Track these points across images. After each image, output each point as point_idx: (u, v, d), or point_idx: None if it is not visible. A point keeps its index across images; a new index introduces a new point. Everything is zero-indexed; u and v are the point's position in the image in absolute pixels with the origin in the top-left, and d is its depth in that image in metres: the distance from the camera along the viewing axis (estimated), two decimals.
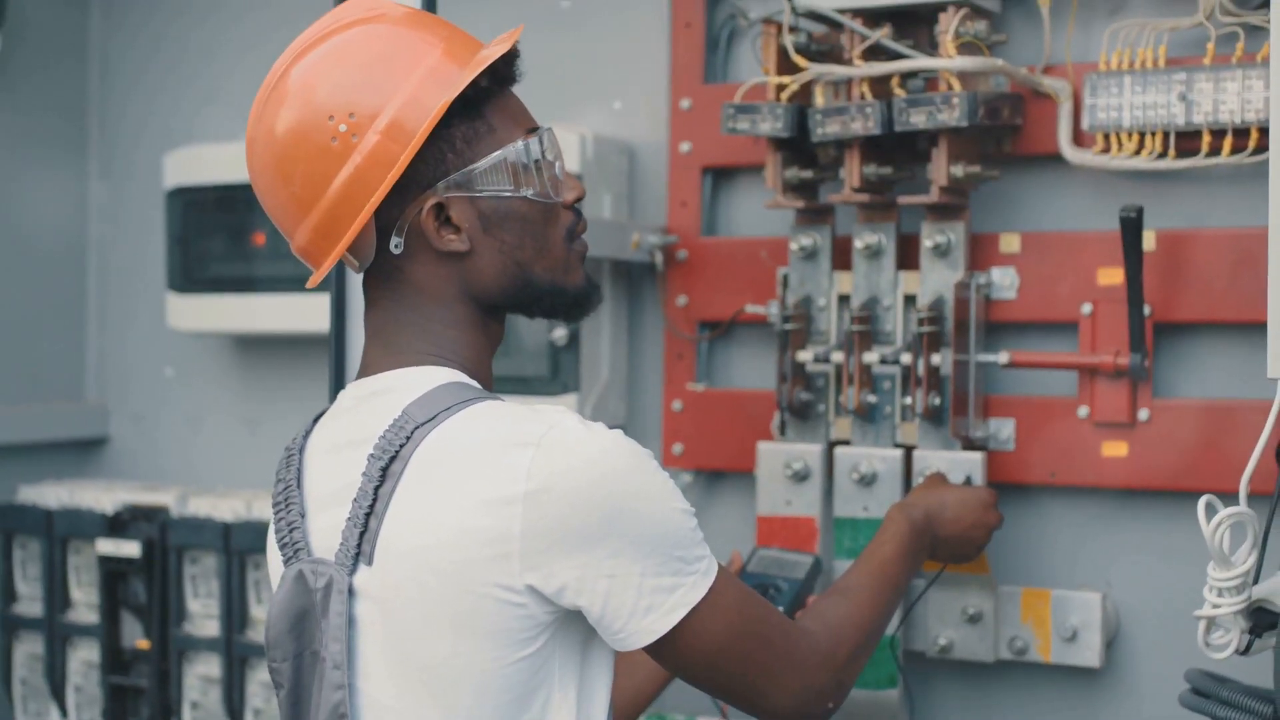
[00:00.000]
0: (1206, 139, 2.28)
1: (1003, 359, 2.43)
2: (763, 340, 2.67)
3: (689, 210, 2.73)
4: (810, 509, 2.52)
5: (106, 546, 3.05)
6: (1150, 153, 2.33)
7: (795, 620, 1.76)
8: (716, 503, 2.72)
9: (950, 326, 2.41)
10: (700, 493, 2.72)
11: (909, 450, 2.46)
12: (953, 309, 2.41)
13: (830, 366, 2.52)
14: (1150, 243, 2.34)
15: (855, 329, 2.46)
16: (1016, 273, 2.46)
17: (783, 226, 2.61)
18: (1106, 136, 2.36)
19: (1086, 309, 2.40)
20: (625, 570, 1.55)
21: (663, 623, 1.57)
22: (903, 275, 2.49)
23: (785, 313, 2.52)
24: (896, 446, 2.48)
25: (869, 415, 2.48)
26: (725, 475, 2.72)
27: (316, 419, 1.78)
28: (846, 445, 2.51)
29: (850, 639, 1.78)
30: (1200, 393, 2.40)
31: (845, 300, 2.54)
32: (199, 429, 3.37)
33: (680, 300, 2.73)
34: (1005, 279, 2.47)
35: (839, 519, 2.48)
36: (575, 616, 1.59)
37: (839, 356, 2.49)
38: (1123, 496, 2.43)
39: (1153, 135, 2.32)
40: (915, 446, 2.45)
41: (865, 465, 2.46)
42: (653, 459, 1.60)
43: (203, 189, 3.12)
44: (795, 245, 2.55)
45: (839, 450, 2.50)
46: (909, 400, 2.44)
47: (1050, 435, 2.43)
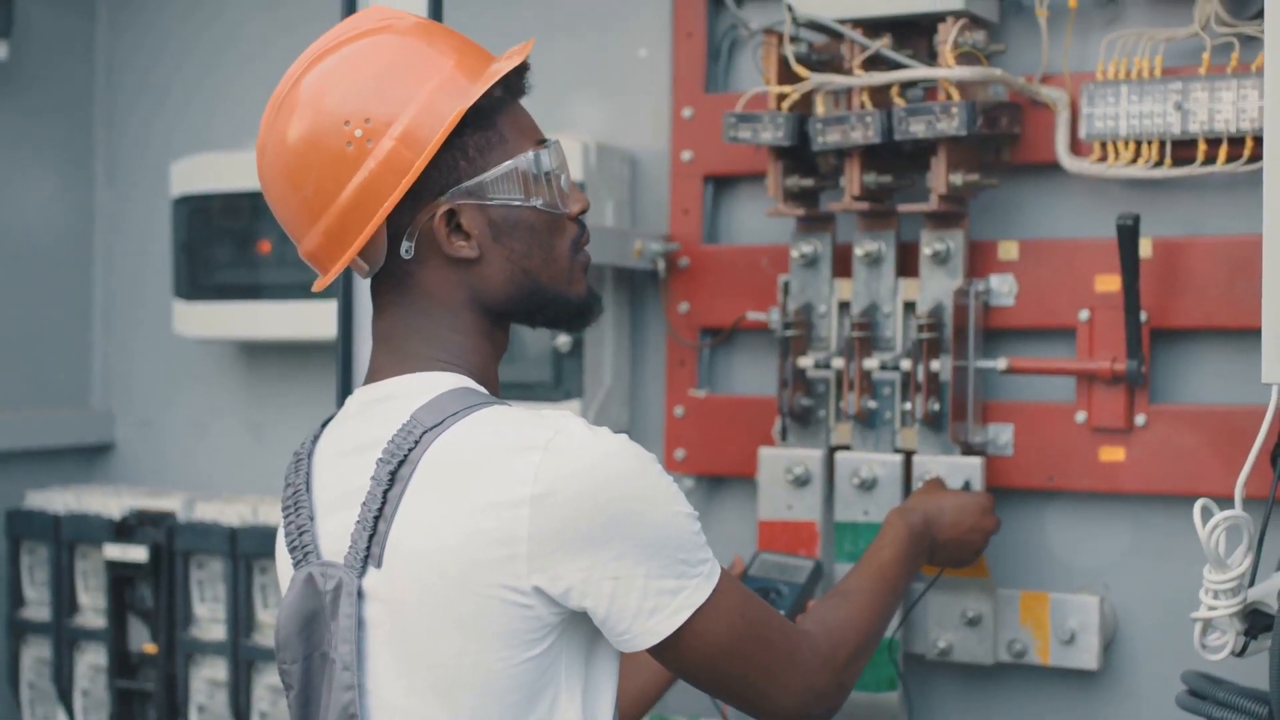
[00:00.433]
0: (1202, 148, 2.30)
1: (1001, 365, 2.44)
2: (764, 347, 2.69)
3: (691, 218, 2.74)
4: (811, 513, 2.53)
5: (114, 551, 3.06)
6: (1147, 161, 2.34)
7: (796, 623, 1.78)
8: (718, 507, 2.73)
9: (949, 333, 2.42)
10: (702, 498, 2.73)
11: (908, 455, 2.47)
12: (952, 315, 2.42)
13: (831, 372, 2.53)
14: (1147, 250, 2.36)
15: (855, 335, 2.47)
16: (1015, 280, 2.47)
17: (784, 234, 2.63)
18: (1103, 145, 2.37)
19: (1084, 315, 2.42)
20: (630, 572, 1.57)
21: (667, 624, 1.59)
22: (902, 282, 2.50)
23: (786, 319, 2.54)
24: (896, 452, 2.49)
25: (869, 421, 2.50)
26: (727, 480, 2.74)
27: (325, 424, 1.79)
28: (847, 450, 2.52)
29: (850, 641, 1.80)
30: (1196, 398, 2.41)
31: (845, 307, 2.55)
32: (204, 435, 3.37)
33: (682, 307, 2.74)
34: (1004, 286, 2.48)
35: (839, 523, 2.50)
36: (581, 618, 1.61)
37: (839, 363, 2.50)
38: (1120, 501, 2.45)
39: (1149, 144, 2.33)
40: (915, 451, 2.47)
41: (865, 470, 2.47)
42: (657, 463, 1.62)
43: (209, 197, 3.14)
44: (796, 253, 2.57)
45: (839, 455, 2.51)
46: (908, 406, 2.45)
47: (1048, 440, 2.45)
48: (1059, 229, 2.49)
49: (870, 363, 2.47)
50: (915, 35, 2.46)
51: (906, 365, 2.45)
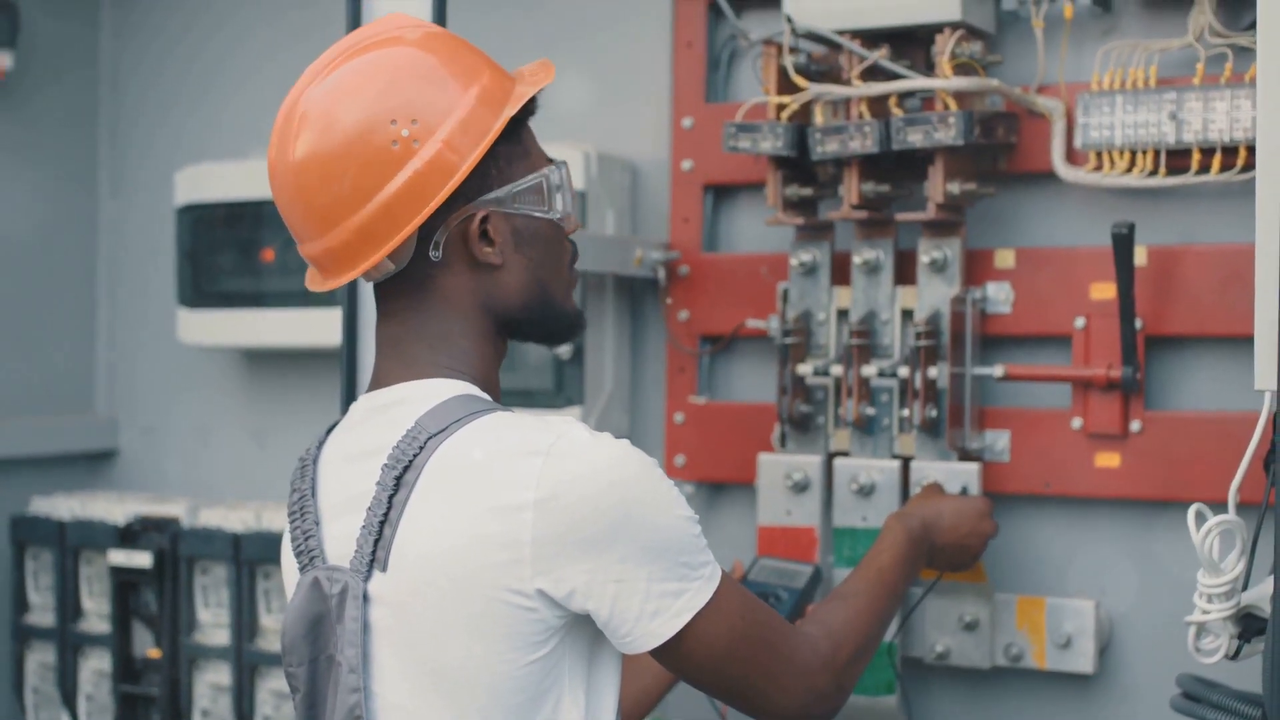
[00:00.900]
0: (1196, 157, 2.31)
1: (998, 372, 2.45)
2: (763, 354, 2.70)
3: (691, 226, 2.76)
4: (810, 519, 2.54)
5: (118, 557, 3.07)
6: (1141, 170, 2.35)
7: (796, 625, 1.80)
8: (718, 513, 2.74)
9: (947, 340, 2.44)
10: (702, 504, 2.74)
11: (906, 461, 2.48)
12: (949, 323, 2.44)
13: (829, 379, 2.55)
14: (1142, 258, 2.37)
15: (854, 343, 2.48)
16: (1011, 287, 2.49)
17: (783, 243, 2.64)
18: (1099, 154, 2.38)
19: (1080, 323, 2.43)
20: (632, 575, 1.59)
21: (668, 626, 1.61)
22: (900, 290, 2.51)
23: (785, 327, 2.55)
24: (894, 457, 2.50)
25: (867, 427, 2.51)
26: (726, 486, 2.75)
27: (330, 430, 1.81)
28: (845, 456, 2.53)
29: (850, 643, 1.82)
30: (1191, 405, 2.42)
31: (844, 315, 2.56)
32: (207, 441, 3.39)
33: (682, 315, 2.76)
34: (1000, 294, 2.49)
35: (838, 529, 2.51)
36: (584, 620, 1.62)
37: (838, 370, 2.51)
38: (1115, 506, 2.46)
39: (1144, 153, 2.35)
40: (913, 457, 2.48)
41: (864, 476, 2.49)
42: (658, 468, 1.64)
43: (212, 206, 3.16)
44: (795, 261, 2.58)
45: (838, 461, 2.52)
46: (906, 412, 2.46)
47: (1044, 446, 2.46)
48: (1055, 237, 2.51)
49: (868, 370, 2.48)
50: (913, 46, 2.48)
51: (904, 372, 2.46)
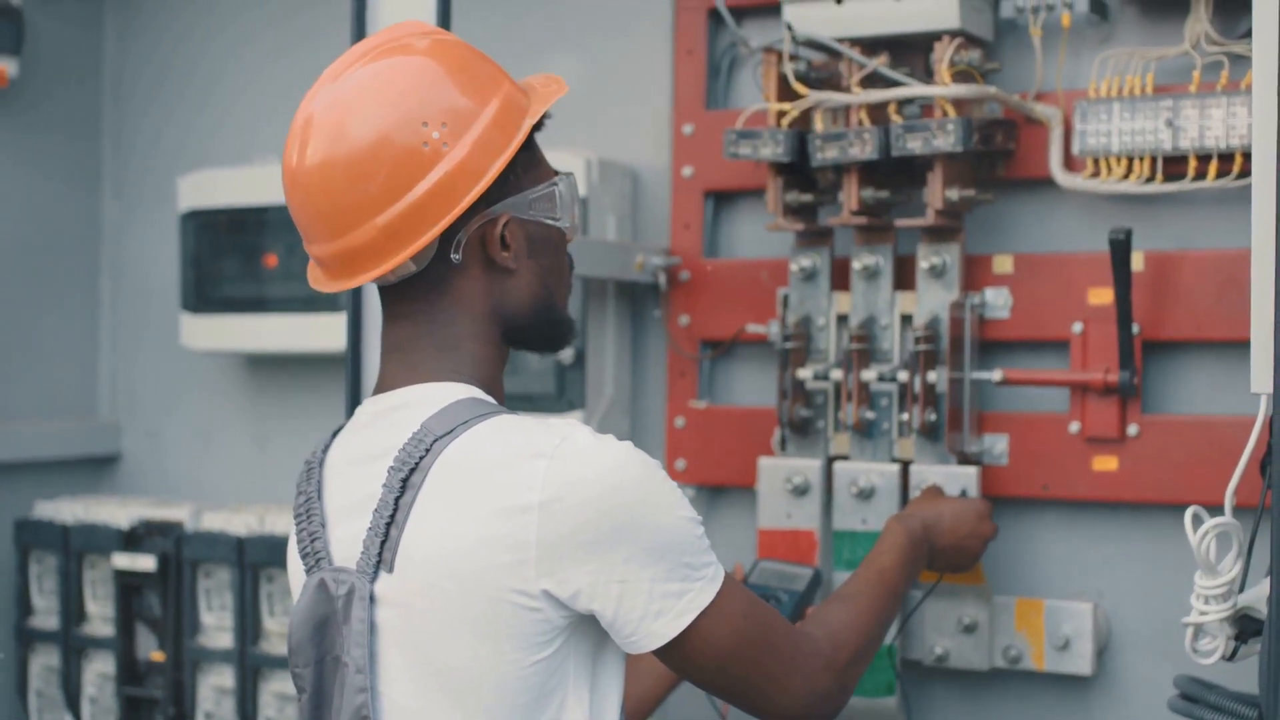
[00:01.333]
0: (1193, 164, 2.33)
1: (996, 376, 2.46)
2: (763, 359, 2.72)
3: (691, 232, 2.77)
4: (810, 522, 2.56)
5: (122, 561, 3.08)
6: (1138, 177, 2.37)
7: (798, 626, 1.81)
8: (718, 516, 2.75)
9: (945, 345, 2.45)
10: (702, 507, 2.75)
11: (906, 465, 2.50)
12: (948, 328, 2.45)
13: (829, 384, 2.56)
14: (1139, 264, 2.38)
15: (853, 347, 2.50)
16: (1010, 293, 2.50)
17: (783, 248, 2.66)
18: (1096, 161, 2.40)
19: (1077, 328, 2.45)
20: (636, 576, 1.60)
21: (672, 626, 1.62)
22: (899, 295, 2.53)
23: (785, 332, 2.57)
24: (894, 461, 2.51)
25: (867, 431, 2.53)
26: (727, 490, 2.76)
27: (335, 433, 1.82)
28: (845, 460, 2.55)
29: (851, 644, 1.83)
30: (1187, 408, 2.44)
31: (844, 320, 2.57)
32: (209, 446, 3.40)
33: (683, 320, 2.77)
34: (999, 299, 2.51)
35: (838, 532, 2.52)
36: (589, 621, 1.64)
37: (838, 374, 2.53)
38: (1113, 509, 2.47)
39: (1141, 160, 2.36)
40: (912, 461, 2.49)
41: (864, 479, 2.50)
42: (661, 469, 1.65)
43: (216, 211, 3.17)
44: (795, 266, 2.60)
45: (838, 465, 2.54)
46: (906, 416, 2.48)
47: (1043, 450, 2.47)
48: (1053, 243, 2.52)
49: (868, 374, 2.50)
50: (912, 54, 2.49)
51: (904, 377, 2.47)
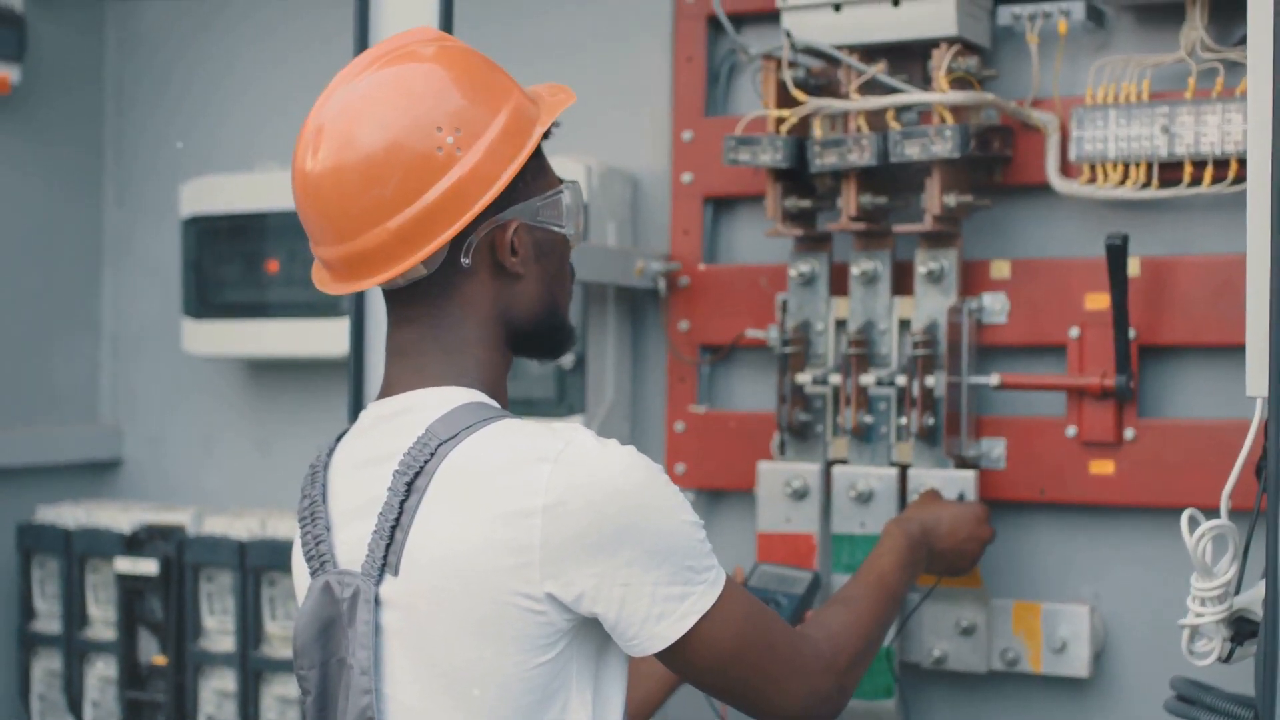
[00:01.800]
0: (1188, 170, 2.34)
1: (994, 381, 2.48)
2: (762, 363, 2.73)
3: (691, 238, 2.78)
4: (809, 526, 2.57)
5: (124, 565, 3.09)
6: (1135, 183, 2.38)
7: (798, 629, 1.82)
8: (718, 520, 2.76)
9: (943, 350, 2.46)
10: (702, 511, 2.69)
11: (904, 469, 2.51)
12: (946, 333, 2.46)
13: (828, 388, 2.57)
14: (1135, 269, 2.39)
15: (852, 352, 2.51)
16: (1007, 298, 2.51)
17: (782, 254, 2.67)
18: (1093, 167, 2.41)
19: (1074, 332, 2.46)
20: (639, 579, 1.61)
21: (674, 629, 1.63)
22: (898, 300, 2.54)
23: (784, 337, 2.58)
24: (892, 465, 2.52)
25: (865, 435, 2.54)
26: (726, 494, 2.77)
27: (339, 437, 1.83)
28: (844, 464, 2.56)
29: (851, 646, 1.85)
30: (1184, 412, 2.45)
31: (842, 325, 2.59)
32: (211, 451, 3.40)
33: (682, 325, 2.78)
34: (996, 304, 2.52)
35: (837, 535, 2.54)
36: (592, 623, 1.65)
37: (836, 379, 2.54)
38: (1110, 513, 2.48)
39: (1137, 166, 2.38)
40: (910, 465, 2.50)
41: (862, 483, 2.51)
42: (664, 474, 1.67)
43: (217, 217, 3.18)
44: (794, 272, 2.61)
45: (837, 469, 2.55)
46: (904, 421, 2.49)
47: (1040, 454, 2.48)
48: (1050, 248, 2.53)
49: (867, 379, 2.51)
50: (910, 61, 2.51)
51: (902, 381, 2.49)
